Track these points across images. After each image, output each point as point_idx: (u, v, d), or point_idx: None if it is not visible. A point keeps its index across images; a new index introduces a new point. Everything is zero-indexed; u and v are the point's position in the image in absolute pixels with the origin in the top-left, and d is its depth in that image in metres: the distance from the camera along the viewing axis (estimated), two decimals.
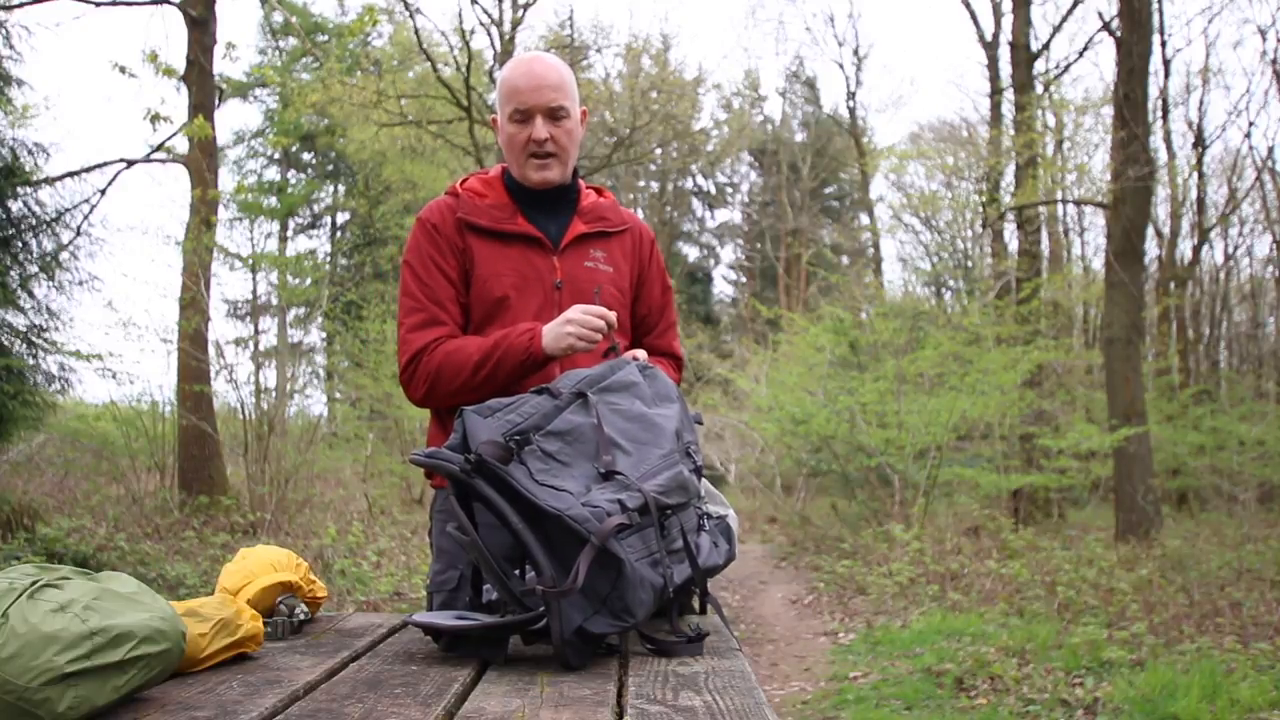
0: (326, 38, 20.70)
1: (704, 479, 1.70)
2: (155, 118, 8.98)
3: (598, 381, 1.58)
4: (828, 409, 11.46)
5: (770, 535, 13.53)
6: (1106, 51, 24.45)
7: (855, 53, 31.44)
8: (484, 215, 1.93)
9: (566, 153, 1.94)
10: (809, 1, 42.58)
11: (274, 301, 19.56)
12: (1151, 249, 17.28)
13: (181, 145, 9.96)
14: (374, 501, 10.39)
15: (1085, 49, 16.42)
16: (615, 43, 21.65)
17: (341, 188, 23.52)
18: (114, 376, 8.81)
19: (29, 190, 7.25)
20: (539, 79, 1.90)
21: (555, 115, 1.91)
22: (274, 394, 12.16)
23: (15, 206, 7.15)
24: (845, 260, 27.24)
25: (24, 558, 5.45)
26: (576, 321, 1.77)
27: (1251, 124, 22.01)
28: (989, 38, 16.91)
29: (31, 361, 7.04)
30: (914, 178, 22.54)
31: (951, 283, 22.13)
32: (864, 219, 28.48)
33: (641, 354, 1.83)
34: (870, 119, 39.30)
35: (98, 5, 9.67)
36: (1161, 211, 17.54)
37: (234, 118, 35.69)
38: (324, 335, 20.01)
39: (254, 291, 20.65)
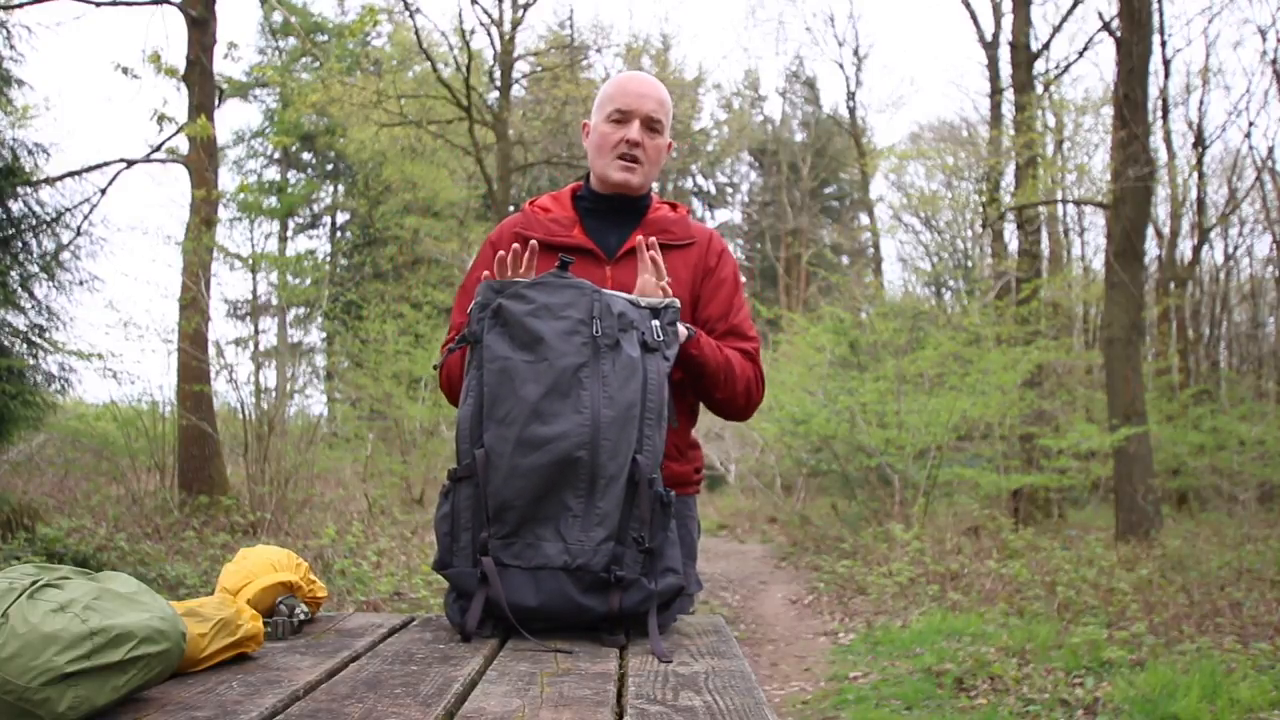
0: (326, 38, 20.70)
1: None
2: (162, 118, 9.01)
3: None
4: (828, 409, 11.45)
5: (770, 535, 13.52)
6: (1106, 51, 24.45)
7: (855, 53, 31.49)
8: (540, 229, 1.97)
9: (650, 164, 2.01)
10: (809, 1, 42.55)
11: (274, 301, 19.54)
12: (1151, 249, 17.30)
13: (182, 145, 9.95)
14: (374, 501, 10.38)
15: (1085, 49, 16.40)
16: (615, 43, 21.68)
17: (341, 188, 23.52)
18: (114, 376, 8.80)
19: (29, 190, 7.22)
20: (648, 89, 2.02)
21: (652, 126, 2.00)
22: (274, 394, 12.19)
23: (15, 206, 7.12)
24: (845, 260, 27.28)
25: (24, 558, 5.44)
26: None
27: (1251, 124, 22.04)
28: (989, 38, 16.91)
29: (32, 361, 7.02)
30: (914, 178, 22.57)
31: (951, 283, 22.14)
32: (864, 219, 28.49)
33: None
34: (870, 119, 39.38)
35: (98, 5, 9.66)
36: (1161, 211, 17.56)
37: (234, 117, 35.82)
38: (324, 335, 20.03)
39: (254, 291, 20.64)
